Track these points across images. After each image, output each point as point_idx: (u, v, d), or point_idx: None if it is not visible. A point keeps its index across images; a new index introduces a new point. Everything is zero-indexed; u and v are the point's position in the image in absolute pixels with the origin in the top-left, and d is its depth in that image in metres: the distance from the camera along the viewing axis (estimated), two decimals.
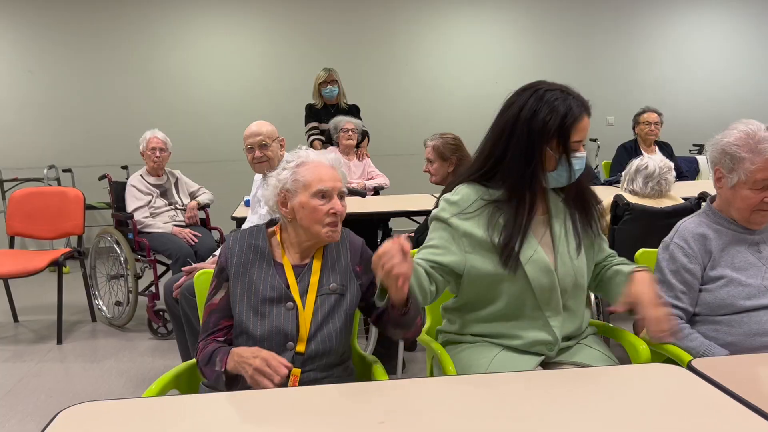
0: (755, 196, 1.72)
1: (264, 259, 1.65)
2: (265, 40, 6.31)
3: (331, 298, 1.63)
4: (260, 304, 1.59)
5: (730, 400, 1.18)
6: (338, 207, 1.62)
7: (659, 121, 4.69)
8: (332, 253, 1.69)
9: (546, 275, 1.61)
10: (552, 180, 1.63)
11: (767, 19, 6.96)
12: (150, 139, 4.09)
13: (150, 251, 3.83)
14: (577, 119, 1.57)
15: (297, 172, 1.63)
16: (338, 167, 1.68)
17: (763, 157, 1.68)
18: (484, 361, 1.64)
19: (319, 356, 1.59)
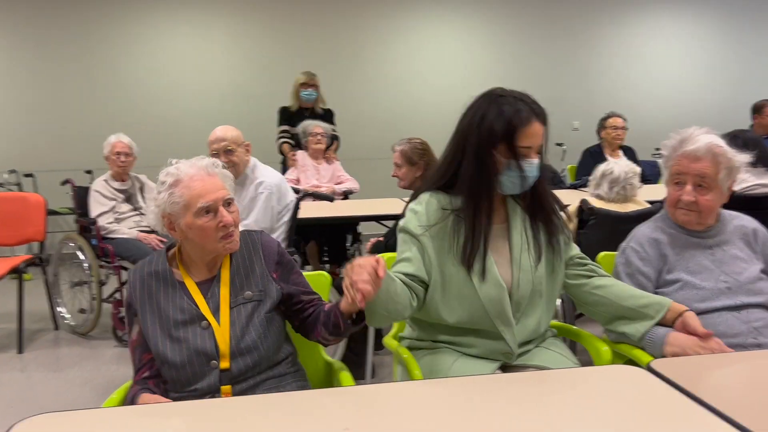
0: (674, 192, 1.81)
1: (168, 283, 1.58)
2: (236, 42, 6.26)
3: (248, 306, 1.57)
4: (173, 329, 1.53)
5: (687, 400, 1.21)
6: (226, 218, 1.53)
7: (625, 125, 4.79)
8: (243, 261, 1.62)
9: (495, 288, 1.61)
10: (505, 186, 1.63)
11: (724, 25, 7.16)
12: (114, 144, 4.03)
13: (114, 257, 3.76)
14: (523, 124, 1.57)
15: (173, 194, 1.53)
16: (216, 170, 1.59)
17: (678, 152, 1.79)
18: (445, 366, 1.64)
19: (250, 368, 1.54)
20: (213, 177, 1.57)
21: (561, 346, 1.76)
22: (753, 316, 1.74)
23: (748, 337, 1.71)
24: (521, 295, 1.65)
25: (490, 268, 1.62)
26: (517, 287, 1.64)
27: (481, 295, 1.61)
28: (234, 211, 1.58)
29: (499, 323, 1.63)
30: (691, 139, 1.79)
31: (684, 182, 1.79)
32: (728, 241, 1.85)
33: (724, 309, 1.74)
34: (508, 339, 1.64)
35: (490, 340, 1.65)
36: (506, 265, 1.66)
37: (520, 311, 1.66)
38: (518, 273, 1.65)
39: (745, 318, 1.73)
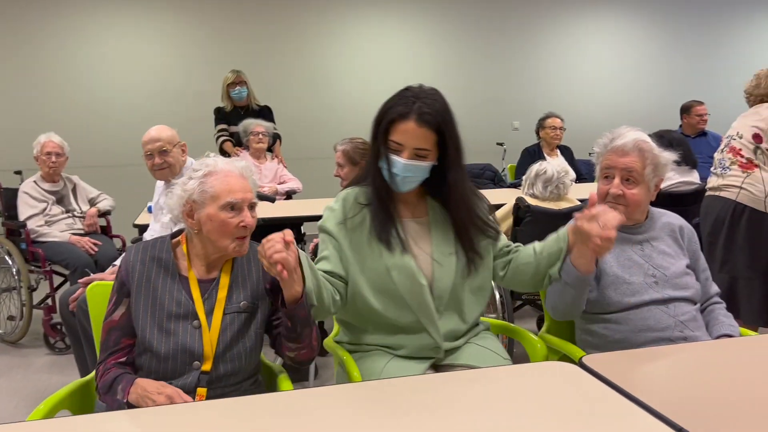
0: (603, 187, 1.87)
1: (168, 272, 1.57)
2: (171, 39, 6.11)
3: (242, 316, 1.57)
4: (165, 320, 1.52)
5: (616, 395, 1.24)
6: (248, 220, 1.56)
7: (563, 126, 4.92)
8: (242, 268, 1.63)
9: (411, 281, 1.64)
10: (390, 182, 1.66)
11: (660, 27, 7.44)
12: (45, 143, 3.86)
13: (45, 261, 3.62)
14: (396, 119, 1.60)
15: (205, 182, 1.55)
16: (249, 175, 1.62)
17: (607, 148, 1.86)
18: (377, 369, 1.66)
19: (227, 376, 1.54)
20: (245, 180, 1.60)
21: (493, 342, 1.79)
22: (680, 310, 1.81)
23: (675, 330, 1.78)
24: (442, 288, 1.67)
25: (407, 261, 1.64)
26: (439, 281, 1.67)
27: (400, 288, 1.64)
28: (255, 217, 1.60)
29: (421, 316, 1.66)
30: (619, 136, 1.86)
31: (612, 176, 1.85)
32: (657, 238, 1.92)
33: (653, 303, 1.81)
34: (432, 332, 1.67)
35: (416, 336, 1.68)
36: (427, 259, 1.68)
37: (442, 305, 1.69)
38: (438, 267, 1.67)
39: (672, 312, 1.80)
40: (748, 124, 3.08)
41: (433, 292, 1.67)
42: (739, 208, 2.99)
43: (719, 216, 3.06)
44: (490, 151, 6.47)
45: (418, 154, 1.60)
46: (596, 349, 1.84)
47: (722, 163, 3.13)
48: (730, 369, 1.39)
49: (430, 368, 1.69)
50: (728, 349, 1.55)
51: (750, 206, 2.97)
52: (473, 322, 1.79)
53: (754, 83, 3.14)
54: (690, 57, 7.59)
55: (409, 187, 1.67)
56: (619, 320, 1.81)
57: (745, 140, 3.04)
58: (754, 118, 3.06)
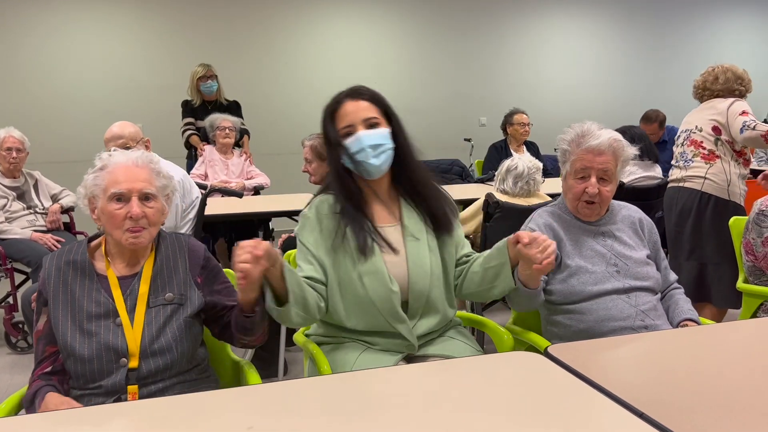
0: (578, 186, 1.89)
1: (86, 274, 1.54)
2: (134, 33, 6.00)
3: (167, 308, 1.55)
4: (86, 321, 1.49)
5: (580, 382, 1.28)
6: (134, 210, 1.51)
7: (529, 122, 4.99)
8: (168, 261, 1.60)
9: (383, 287, 1.64)
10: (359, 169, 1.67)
11: (623, 26, 7.58)
12: (4, 139, 3.76)
13: (6, 259, 3.53)
14: (335, 108, 1.67)
15: (98, 176, 1.56)
16: (148, 164, 1.59)
17: (581, 148, 1.87)
18: (350, 360, 1.67)
19: (160, 371, 1.51)
20: (140, 169, 1.57)
21: (465, 335, 1.82)
22: (640, 300, 1.87)
23: (636, 319, 1.83)
24: (418, 291, 1.69)
25: (380, 267, 1.65)
26: (415, 284, 1.68)
27: (371, 294, 1.64)
28: (152, 207, 1.56)
29: (392, 321, 1.67)
30: (591, 135, 1.87)
31: (588, 176, 1.87)
32: (618, 229, 1.97)
33: (614, 292, 1.86)
34: (405, 334, 1.68)
35: (389, 338, 1.69)
36: (403, 264, 1.69)
37: (418, 308, 1.70)
38: (415, 271, 1.69)
39: (633, 302, 1.86)
40: (705, 118, 3.17)
41: (410, 296, 1.68)
42: (704, 198, 3.10)
43: (685, 206, 3.16)
44: (458, 147, 6.53)
45: (369, 123, 1.65)
46: (561, 339, 1.88)
47: (684, 156, 3.22)
48: (689, 356, 1.43)
49: (403, 359, 1.71)
50: (687, 337, 1.61)
51: (715, 195, 3.08)
52: (448, 319, 1.81)
53: (712, 77, 3.22)
54: (650, 54, 7.76)
55: (382, 160, 1.65)
56: (583, 311, 1.86)
57: (705, 133, 3.14)
58: (710, 112, 3.16)
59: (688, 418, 1.11)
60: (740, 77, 3.17)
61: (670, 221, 3.27)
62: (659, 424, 1.08)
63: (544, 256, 1.54)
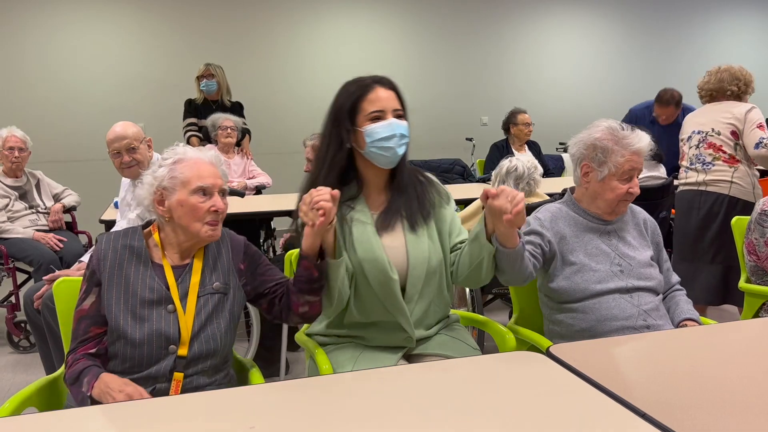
0: (623, 187, 1.88)
1: (141, 260, 1.58)
2: (137, 32, 6.01)
3: (215, 297, 1.59)
4: (138, 306, 1.53)
5: (581, 382, 1.28)
6: (219, 204, 1.59)
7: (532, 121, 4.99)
8: (213, 252, 1.65)
9: (380, 272, 1.66)
10: (376, 157, 1.67)
11: (625, 25, 7.58)
12: (6, 138, 3.77)
13: (8, 258, 3.54)
14: (365, 91, 1.66)
15: (174, 169, 1.59)
16: (218, 164, 1.65)
17: (630, 149, 1.86)
18: (350, 360, 1.68)
19: (203, 358, 1.55)
20: (213, 167, 1.62)
21: (463, 334, 1.83)
22: (643, 300, 1.87)
23: (638, 319, 1.83)
24: (416, 276, 1.70)
25: (379, 255, 1.66)
26: (413, 269, 1.69)
27: (372, 281, 1.66)
28: (226, 203, 1.63)
29: (390, 307, 1.68)
30: (629, 135, 1.87)
31: (632, 177, 1.88)
32: (623, 229, 1.98)
33: (617, 291, 1.86)
34: (402, 322, 1.69)
35: (388, 327, 1.70)
36: (401, 249, 1.70)
37: (415, 293, 1.70)
38: (413, 255, 1.69)
39: (635, 302, 1.86)
40: (721, 121, 3.18)
41: (408, 280, 1.69)
42: (733, 201, 3.14)
43: (712, 210, 3.18)
44: (459, 146, 6.54)
45: (398, 114, 1.67)
46: (563, 338, 1.88)
47: (700, 159, 3.22)
48: (691, 356, 1.43)
49: (403, 358, 1.71)
50: (689, 337, 1.60)
51: (743, 199, 3.13)
52: (445, 311, 1.81)
53: (707, 78, 3.27)
54: (651, 53, 7.75)
55: (403, 151, 1.67)
56: (585, 309, 1.86)
57: (724, 137, 3.16)
58: (725, 116, 3.17)
59: (690, 418, 1.11)
60: (736, 78, 3.20)
61: (688, 224, 3.27)
62: (661, 424, 1.09)
63: (513, 204, 1.51)
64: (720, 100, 3.27)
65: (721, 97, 3.26)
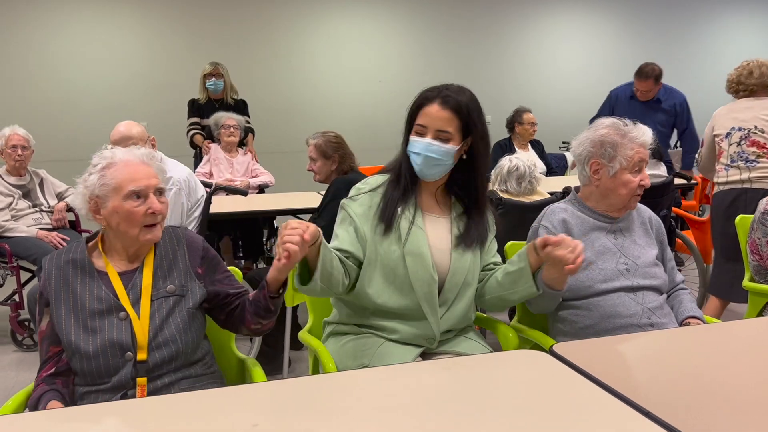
0: (635, 179, 1.89)
1: (86, 272, 1.55)
2: (140, 31, 6.01)
3: (170, 300, 1.56)
4: (89, 319, 1.50)
5: (585, 381, 1.28)
6: (156, 205, 1.54)
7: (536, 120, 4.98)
8: (167, 254, 1.61)
9: (425, 271, 1.67)
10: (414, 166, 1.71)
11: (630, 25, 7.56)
12: (10, 136, 3.78)
13: (12, 257, 3.54)
14: (423, 103, 1.70)
15: (105, 175, 1.53)
16: (152, 161, 1.60)
17: (637, 142, 1.88)
18: (368, 352, 1.68)
19: (166, 362, 1.52)
20: (147, 166, 1.58)
21: (478, 336, 1.84)
22: (647, 298, 1.87)
23: (642, 317, 1.83)
24: (454, 283, 1.71)
25: (425, 251, 1.68)
26: (453, 276, 1.71)
27: (411, 276, 1.67)
28: (163, 202, 1.58)
29: (425, 306, 1.68)
30: (630, 128, 1.90)
31: (641, 169, 1.90)
32: (630, 228, 1.98)
33: (622, 290, 1.86)
34: (432, 323, 1.69)
35: (414, 323, 1.70)
36: (446, 253, 1.72)
37: (450, 299, 1.72)
38: (457, 261, 1.72)
39: (640, 300, 1.86)
40: (762, 118, 3.15)
41: (445, 285, 1.71)
42: None
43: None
44: None
45: (440, 136, 1.67)
46: (567, 336, 1.88)
47: (743, 156, 3.19)
48: (695, 355, 1.43)
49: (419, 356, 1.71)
50: (693, 336, 1.60)
51: None
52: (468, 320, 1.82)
53: (746, 72, 3.20)
54: (656, 52, 7.72)
55: (433, 172, 1.70)
56: (589, 306, 1.86)
57: None
58: (765, 113, 3.13)
59: (694, 417, 1.11)
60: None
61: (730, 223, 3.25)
62: (665, 422, 1.08)
63: (575, 255, 1.55)
64: (760, 96, 3.23)
65: (762, 93, 3.21)
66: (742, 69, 3.23)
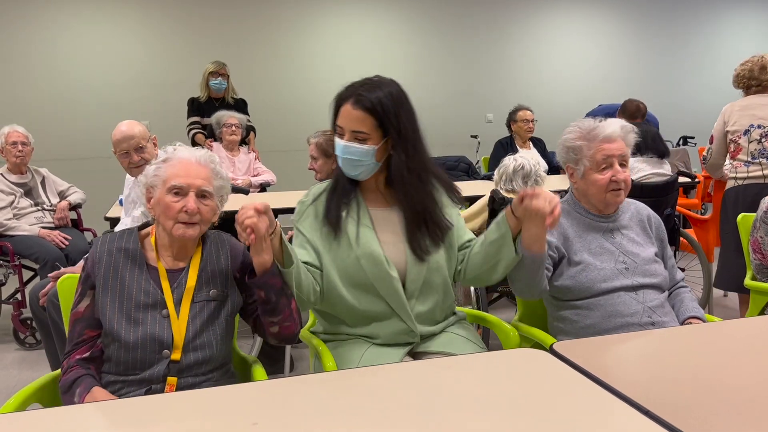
0: (603, 177, 1.88)
1: (136, 263, 1.57)
2: (140, 30, 6.02)
3: (211, 304, 1.58)
4: (133, 309, 1.53)
5: (585, 380, 1.27)
6: (190, 205, 1.54)
7: (534, 118, 4.96)
8: (212, 258, 1.64)
9: (379, 268, 1.65)
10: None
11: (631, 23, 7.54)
12: (9, 134, 3.79)
13: (14, 256, 3.55)
14: (339, 103, 1.66)
15: (160, 167, 1.59)
16: (209, 164, 1.62)
17: (598, 139, 1.88)
18: (356, 357, 1.67)
19: (197, 364, 1.55)
20: (201, 167, 1.60)
21: (468, 330, 1.82)
22: (648, 297, 1.87)
23: (643, 316, 1.83)
24: (416, 273, 1.69)
25: (376, 249, 1.66)
26: (413, 266, 1.69)
27: (370, 277, 1.66)
28: (207, 205, 1.59)
29: (393, 304, 1.68)
30: (599, 126, 1.89)
31: (611, 164, 1.88)
32: (627, 226, 1.97)
33: (622, 289, 1.86)
34: (405, 319, 1.69)
35: (390, 322, 1.69)
36: (399, 245, 1.70)
37: (416, 290, 1.70)
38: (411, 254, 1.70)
39: (641, 298, 1.85)
40: None
41: (407, 277, 1.69)
42: None
43: None
44: (465, 144, 6.52)
45: (357, 137, 1.64)
46: (567, 335, 1.88)
47: (764, 153, 3.20)
48: (695, 354, 1.43)
49: (408, 355, 1.71)
50: (693, 334, 1.60)
51: None
52: (449, 309, 1.81)
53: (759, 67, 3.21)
54: (658, 50, 7.71)
55: (357, 173, 1.68)
56: (590, 306, 1.86)
57: None
58: None
59: (694, 416, 1.11)
60: None
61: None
62: (664, 421, 1.08)
63: (551, 206, 1.54)
64: None
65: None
66: (753, 64, 3.24)
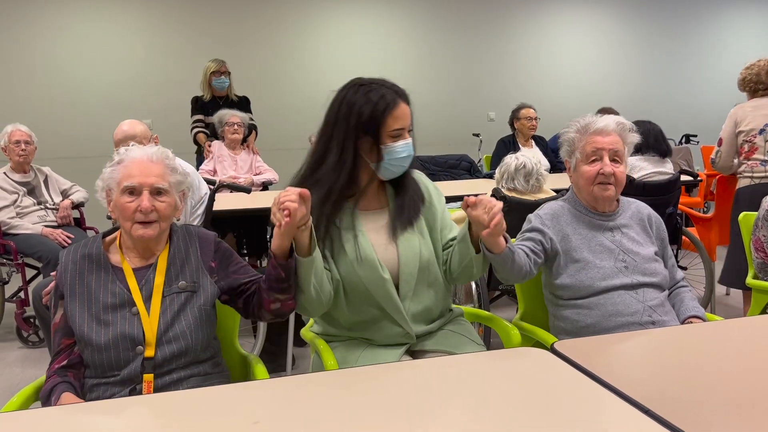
0: (591, 169, 1.90)
1: (101, 266, 1.58)
2: (142, 28, 6.02)
3: (181, 296, 1.58)
4: (102, 312, 1.53)
5: (586, 379, 1.28)
6: (144, 204, 1.54)
7: (537, 116, 4.95)
8: (180, 251, 1.64)
9: (372, 271, 1.64)
10: (386, 172, 1.66)
11: (633, 22, 7.53)
12: (12, 132, 3.80)
13: (17, 254, 3.56)
14: (390, 106, 1.60)
15: (115, 170, 1.59)
16: (164, 160, 1.61)
17: (589, 132, 1.91)
18: (353, 357, 1.68)
19: (175, 357, 1.54)
20: (154, 164, 1.60)
21: (467, 329, 1.82)
22: (648, 296, 1.87)
23: (643, 315, 1.83)
24: (408, 273, 1.68)
25: (370, 253, 1.65)
26: (405, 266, 1.68)
27: (366, 281, 1.64)
28: (164, 202, 1.59)
29: (387, 307, 1.67)
30: (595, 121, 1.92)
31: (600, 157, 1.89)
32: (627, 225, 1.97)
33: (622, 288, 1.86)
34: (400, 321, 1.68)
35: (386, 324, 1.69)
36: (390, 246, 1.69)
37: (410, 290, 1.69)
38: (405, 251, 1.68)
39: (641, 297, 1.85)
40: None
41: (400, 278, 1.68)
42: None
43: None
44: (467, 142, 6.52)
45: (409, 131, 1.66)
46: (568, 335, 1.88)
47: None
48: (696, 353, 1.43)
49: (406, 354, 1.71)
50: (694, 333, 1.60)
51: None
52: (444, 307, 1.81)
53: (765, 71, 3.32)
54: (661, 47, 7.70)
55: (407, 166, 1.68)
56: (590, 305, 1.86)
57: None
58: None
59: (694, 414, 1.11)
60: None
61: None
62: (665, 420, 1.08)
63: (490, 216, 1.52)
64: None
65: None
66: (760, 68, 3.34)
